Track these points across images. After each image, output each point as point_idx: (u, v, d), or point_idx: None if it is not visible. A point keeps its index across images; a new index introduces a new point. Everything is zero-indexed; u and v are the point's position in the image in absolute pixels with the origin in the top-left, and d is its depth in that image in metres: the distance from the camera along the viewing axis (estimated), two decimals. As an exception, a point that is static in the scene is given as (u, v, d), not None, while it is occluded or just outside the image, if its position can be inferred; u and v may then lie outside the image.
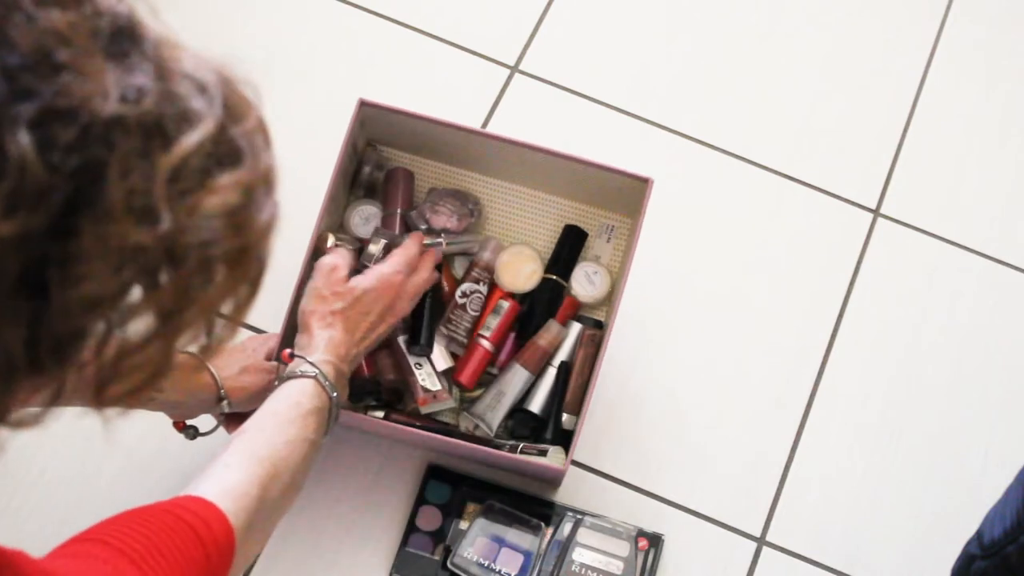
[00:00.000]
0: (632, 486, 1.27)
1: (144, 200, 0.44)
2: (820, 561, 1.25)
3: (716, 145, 1.44)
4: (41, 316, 0.44)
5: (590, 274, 1.28)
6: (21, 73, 0.42)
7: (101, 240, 0.44)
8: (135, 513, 0.77)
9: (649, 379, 1.32)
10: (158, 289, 0.47)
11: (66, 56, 0.43)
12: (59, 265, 0.43)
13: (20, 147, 0.41)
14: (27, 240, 0.42)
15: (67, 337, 0.45)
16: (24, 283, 0.42)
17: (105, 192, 0.43)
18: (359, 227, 1.27)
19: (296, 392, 0.98)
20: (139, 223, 0.44)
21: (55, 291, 0.43)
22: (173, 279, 0.47)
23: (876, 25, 1.53)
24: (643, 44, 1.49)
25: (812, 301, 1.37)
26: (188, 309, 0.48)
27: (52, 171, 0.42)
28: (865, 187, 1.43)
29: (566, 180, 1.25)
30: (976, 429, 1.32)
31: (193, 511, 0.79)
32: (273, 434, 0.92)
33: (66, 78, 0.43)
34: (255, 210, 0.49)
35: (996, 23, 1.54)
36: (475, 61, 1.46)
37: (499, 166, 1.27)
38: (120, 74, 0.44)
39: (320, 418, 0.98)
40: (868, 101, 1.48)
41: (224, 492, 0.83)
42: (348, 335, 1.05)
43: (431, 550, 1.20)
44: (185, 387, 1.03)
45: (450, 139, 1.24)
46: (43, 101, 0.42)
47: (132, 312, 0.47)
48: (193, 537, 0.77)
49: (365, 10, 1.48)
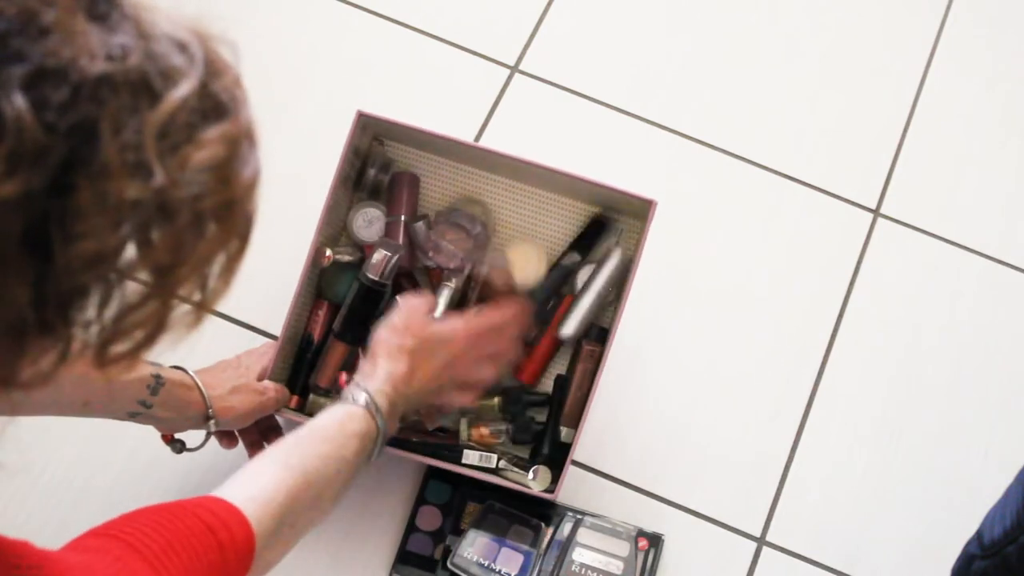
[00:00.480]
0: (632, 486, 1.27)
1: (136, 155, 0.45)
2: (820, 561, 1.25)
3: (716, 145, 1.44)
4: (46, 274, 0.45)
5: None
6: (9, 37, 0.43)
7: (98, 196, 0.45)
8: (156, 510, 0.77)
9: (649, 379, 1.32)
10: (152, 246, 0.48)
11: (51, 18, 0.44)
12: (60, 223, 0.44)
13: (16, 108, 0.42)
14: (28, 199, 0.43)
15: (71, 294, 0.47)
16: (27, 242, 0.44)
17: (99, 149, 0.44)
18: (362, 230, 1.27)
19: (343, 414, 0.98)
20: (133, 178, 0.45)
21: (58, 249, 0.44)
22: (166, 235, 0.48)
23: (876, 25, 1.53)
24: (643, 44, 1.49)
25: (812, 301, 1.37)
26: (182, 264, 0.49)
27: (48, 130, 0.43)
28: (865, 187, 1.43)
29: (571, 184, 1.25)
30: (976, 429, 1.32)
31: (215, 513, 0.79)
32: (308, 447, 0.93)
33: (53, 40, 0.44)
34: (241, 163, 0.50)
35: (996, 23, 1.54)
36: (475, 61, 1.46)
37: (504, 166, 1.27)
38: (103, 34, 0.45)
39: (362, 444, 0.98)
40: (868, 101, 1.48)
41: (250, 497, 0.83)
42: (409, 373, 1.05)
43: (431, 550, 1.20)
44: (174, 404, 1.04)
45: (453, 143, 1.24)
46: (33, 63, 0.43)
47: (129, 270, 0.48)
48: (211, 539, 0.77)
49: (365, 10, 1.48)
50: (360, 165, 1.27)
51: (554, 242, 1.30)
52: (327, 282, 1.25)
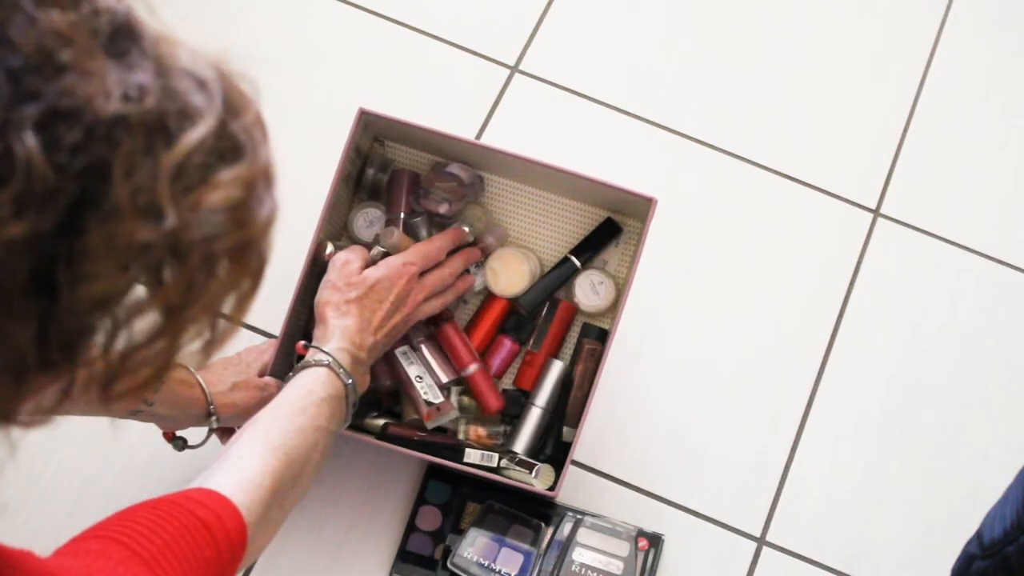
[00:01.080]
0: (632, 486, 1.27)
1: (149, 198, 0.45)
2: (820, 561, 1.25)
3: (716, 145, 1.44)
4: (51, 314, 0.44)
5: (595, 283, 1.27)
6: (25, 74, 0.42)
7: (108, 238, 0.44)
8: (148, 508, 0.77)
9: (649, 379, 1.32)
10: (163, 286, 0.47)
11: (68, 56, 0.43)
12: (67, 264, 0.43)
13: (26, 148, 0.41)
14: (36, 240, 0.42)
15: (76, 335, 0.46)
16: (34, 282, 0.43)
17: (110, 191, 0.44)
18: (363, 230, 1.27)
19: (309, 380, 0.98)
20: (144, 220, 0.45)
21: (64, 290, 0.44)
22: (177, 275, 0.47)
23: (876, 25, 1.53)
24: (643, 44, 1.49)
25: (812, 301, 1.37)
26: (192, 305, 0.48)
27: (59, 172, 0.42)
28: (865, 187, 1.43)
29: (573, 184, 1.24)
30: (976, 429, 1.32)
31: (206, 506, 0.79)
32: (285, 423, 0.92)
33: (69, 78, 0.43)
34: (256, 204, 0.49)
35: (996, 23, 1.54)
36: (475, 61, 1.46)
37: (505, 167, 1.27)
38: (121, 73, 0.44)
39: (334, 406, 0.98)
40: (868, 101, 1.48)
41: (237, 485, 0.83)
42: (363, 323, 1.06)
43: (431, 550, 1.20)
44: (175, 401, 1.04)
45: (455, 141, 1.24)
46: (47, 102, 0.42)
47: (138, 309, 0.47)
48: (206, 534, 0.77)
49: (365, 10, 1.48)
50: (360, 165, 1.27)
51: (554, 243, 1.30)
52: None
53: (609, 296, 1.27)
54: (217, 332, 0.51)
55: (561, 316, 1.26)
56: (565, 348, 1.29)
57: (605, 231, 1.28)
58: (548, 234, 1.30)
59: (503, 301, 1.26)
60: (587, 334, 1.26)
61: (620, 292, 1.26)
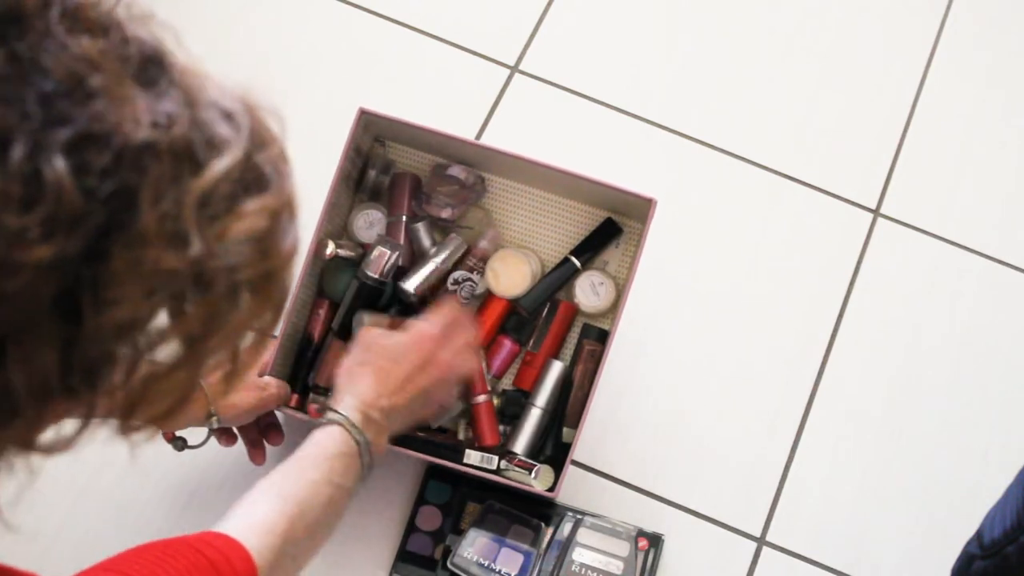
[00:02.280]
0: (632, 486, 1.27)
1: (175, 225, 0.45)
2: (820, 561, 1.25)
3: (716, 145, 1.44)
4: (74, 339, 0.44)
5: (596, 284, 1.27)
6: (56, 99, 0.42)
7: (133, 264, 0.44)
8: (158, 547, 0.77)
9: (649, 379, 1.32)
10: (185, 315, 0.47)
11: (98, 82, 0.43)
12: (92, 289, 0.43)
13: (56, 172, 0.41)
14: (62, 264, 0.42)
15: (98, 361, 0.46)
16: (58, 307, 0.43)
17: (137, 217, 0.44)
18: (363, 231, 1.27)
19: (322, 437, 0.97)
20: (170, 248, 0.45)
21: (88, 315, 0.44)
22: (200, 305, 0.47)
23: (876, 25, 1.53)
24: (643, 44, 1.49)
25: (812, 301, 1.37)
26: (214, 335, 0.48)
27: (87, 196, 0.42)
28: (865, 187, 1.43)
29: (573, 185, 1.24)
30: (976, 429, 1.32)
31: (216, 548, 0.79)
32: (297, 476, 0.92)
33: (99, 104, 0.43)
34: (280, 235, 0.49)
35: (996, 23, 1.54)
36: (475, 61, 1.46)
37: (505, 167, 1.27)
38: (150, 100, 0.45)
39: (348, 462, 0.97)
40: (868, 101, 1.48)
41: (248, 528, 0.83)
42: (378, 384, 1.03)
43: (431, 550, 1.20)
44: None
45: (455, 141, 1.24)
46: (78, 126, 0.42)
47: (160, 338, 0.47)
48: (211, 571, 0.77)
49: (365, 10, 1.48)
50: (361, 166, 1.27)
51: (555, 244, 1.30)
52: (327, 280, 1.25)
53: (609, 297, 1.27)
54: (238, 364, 0.51)
55: (562, 317, 1.26)
56: (565, 349, 1.29)
57: (605, 231, 1.28)
58: (549, 234, 1.30)
59: (503, 302, 1.26)
60: (587, 335, 1.26)
61: (620, 293, 1.26)
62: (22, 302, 0.42)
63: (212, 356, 0.49)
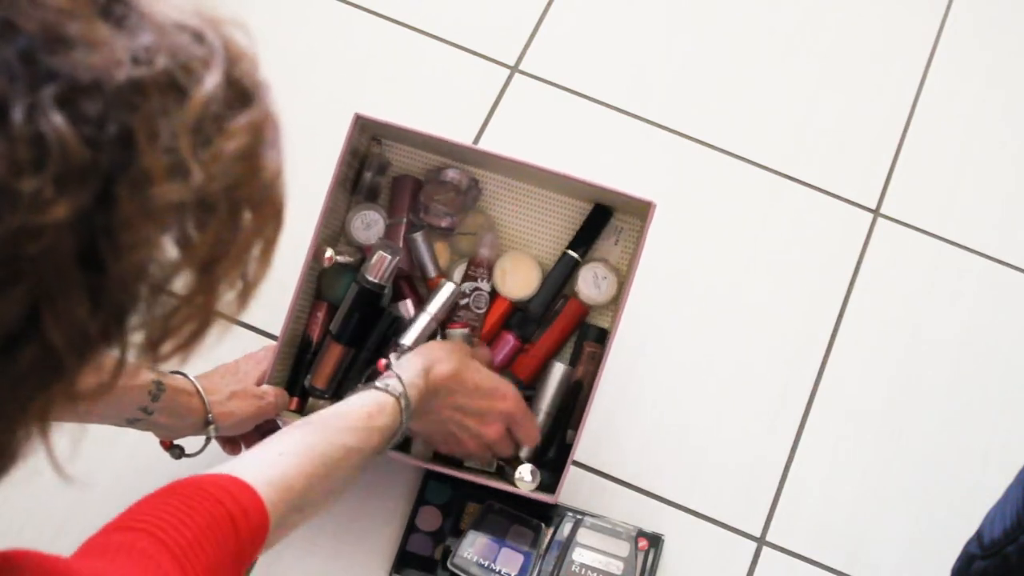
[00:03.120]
0: (632, 486, 1.27)
1: (173, 157, 0.45)
2: (820, 561, 1.25)
3: (716, 145, 1.44)
4: (100, 288, 0.44)
5: (599, 277, 1.27)
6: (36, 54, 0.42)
7: (141, 204, 0.44)
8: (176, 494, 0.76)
9: (649, 379, 1.32)
10: (193, 243, 0.47)
11: (74, 30, 0.43)
12: (107, 236, 0.44)
13: (56, 128, 0.41)
14: (80, 218, 0.42)
15: (125, 303, 0.46)
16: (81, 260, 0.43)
17: (137, 156, 0.44)
18: (359, 232, 1.27)
19: (373, 403, 0.97)
20: (173, 181, 0.45)
21: (110, 262, 0.44)
22: (207, 230, 0.47)
23: (876, 25, 1.53)
24: (643, 44, 1.49)
25: (812, 301, 1.37)
26: (224, 258, 0.49)
27: (90, 146, 0.42)
28: (865, 187, 1.43)
29: (572, 186, 1.24)
30: (976, 429, 1.32)
31: (235, 497, 0.78)
32: (335, 436, 0.92)
33: (79, 52, 0.43)
34: (269, 147, 0.50)
35: (996, 23, 1.54)
36: (475, 61, 1.46)
37: (504, 167, 1.27)
38: (125, 38, 0.45)
39: (385, 437, 0.97)
40: (868, 101, 1.48)
41: (270, 481, 0.82)
42: (446, 383, 1.06)
43: (431, 550, 1.20)
44: (174, 409, 1.04)
45: (453, 146, 1.24)
46: (64, 78, 0.42)
47: (173, 270, 0.47)
48: (230, 528, 0.76)
49: (365, 10, 1.48)
50: (357, 168, 1.27)
51: (554, 241, 1.30)
52: (326, 283, 1.25)
53: (611, 291, 1.27)
54: (249, 279, 0.51)
55: (569, 313, 1.26)
56: (565, 350, 1.28)
57: (597, 219, 1.27)
58: (547, 231, 1.30)
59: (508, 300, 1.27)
60: (587, 336, 1.26)
61: (622, 286, 1.26)
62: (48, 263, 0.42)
63: (225, 277, 0.50)
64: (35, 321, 0.43)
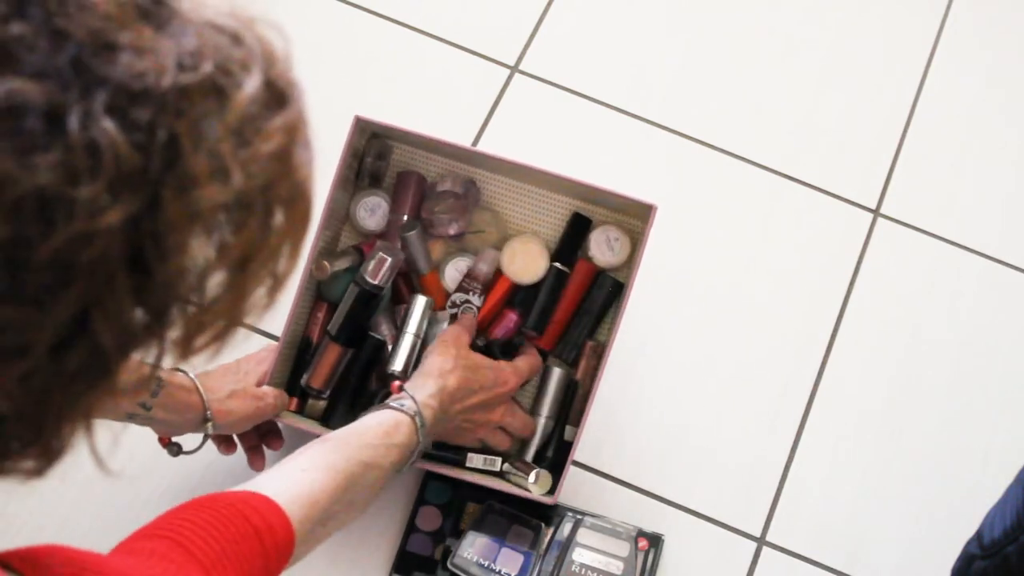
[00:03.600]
0: (632, 486, 1.27)
1: (215, 160, 0.45)
2: (820, 561, 1.25)
3: (716, 145, 1.44)
4: (146, 290, 0.45)
5: (611, 239, 1.27)
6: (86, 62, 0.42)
7: (186, 208, 0.45)
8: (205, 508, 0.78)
9: (649, 379, 1.32)
10: (229, 244, 0.48)
11: (120, 36, 0.43)
12: (153, 240, 0.44)
13: (108, 135, 0.42)
14: (131, 223, 0.43)
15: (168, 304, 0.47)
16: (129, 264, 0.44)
17: (183, 161, 0.44)
18: (365, 219, 1.27)
19: (391, 424, 1.01)
20: (215, 183, 0.45)
21: (155, 265, 0.45)
22: (242, 231, 0.48)
23: (876, 25, 1.53)
24: (643, 44, 1.49)
25: (812, 301, 1.37)
26: (257, 257, 0.49)
27: (140, 151, 0.43)
28: (865, 187, 1.43)
29: (571, 187, 1.24)
30: (976, 429, 1.32)
31: (261, 514, 0.80)
32: (356, 452, 0.95)
33: (126, 57, 0.43)
34: (302, 147, 0.51)
35: (996, 23, 1.54)
36: (475, 61, 1.46)
37: (503, 167, 1.27)
38: (170, 43, 0.45)
39: (403, 455, 1.01)
40: (868, 101, 1.48)
41: (295, 498, 0.84)
42: (457, 393, 1.10)
43: (431, 550, 1.20)
44: (173, 406, 1.04)
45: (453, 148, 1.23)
46: (114, 85, 0.43)
47: (209, 268, 0.48)
48: (257, 544, 0.78)
49: (365, 10, 1.48)
50: (358, 163, 1.27)
51: (554, 241, 1.30)
52: (326, 284, 1.25)
53: (624, 251, 1.26)
54: (279, 278, 0.52)
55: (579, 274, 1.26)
56: (564, 352, 1.28)
57: (577, 227, 1.27)
58: (550, 231, 1.30)
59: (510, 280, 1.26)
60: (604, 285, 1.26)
61: (635, 247, 1.26)
62: (100, 268, 0.43)
63: (256, 275, 0.50)
64: (85, 323, 0.44)
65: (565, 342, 1.27)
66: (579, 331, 1.26)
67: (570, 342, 1.27)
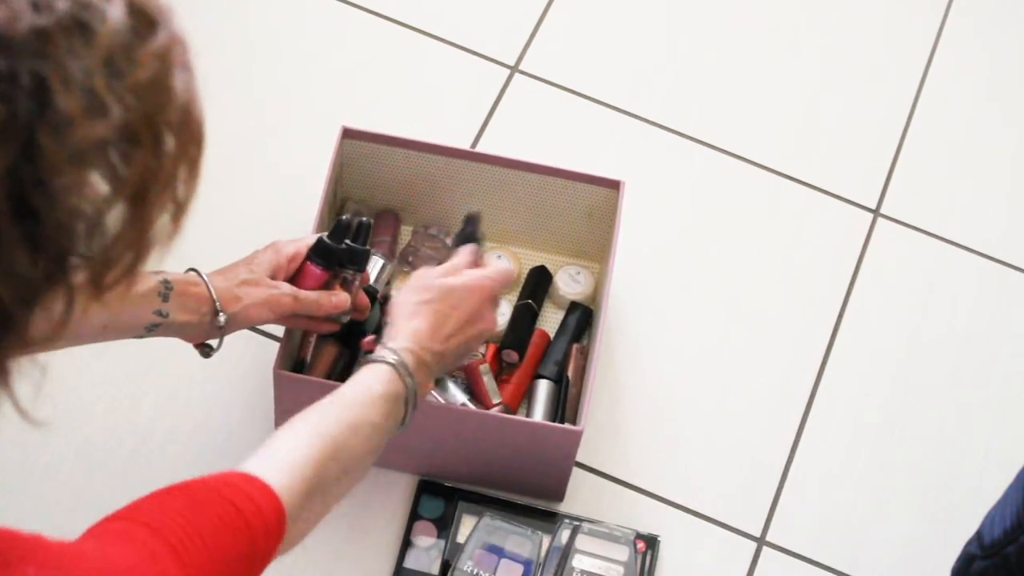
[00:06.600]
0: (631, 486, 1.26)
1: (89, 96, 0.45)
2: (820, 561, 1.25)
3: (716, 145, 1.44)
4: (39, 236, 0.45)
5: (574, 275, 1.31)
6: None
7: (65, 148, 0.44)
8: (178, 491, 0.75)
9: (648, 379, 1.31)
10: (122, 176, 0.48)
11: None
12: (37, 185, 0.44)
13: None
14: (7, 173, 0.43)
15: (64, 246, 0.47)
16: (15, 213, 0.44)
17: (54, 102, 0.44)
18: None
19: (370, 376, 0.96)
20: (93, 119, 0.45)
21: (43, 210, 0.45)
22: (133, 162, 0.48)
23: (876, 25, 1.53)
24: (643, 44, 1.49)
25: (812, 301, 1.37)
26: (153, 186, 0.49)
27: (5, 101, 0.43)
28: (865, 187, 1.43)
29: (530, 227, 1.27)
30: (976, 429, 1.32)
31: (242, 490, 0.77)
32: (336, 414, 0.90)
33: None
34: (182, 70, 0.50)
35: (996, 22, 1.54)
36: (475, 61, 1.46)
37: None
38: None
39: (392, 405, 0.95)
40: (868, 101, 1.48)
41: (277, 468, 0.81)
42: (434, 328, 1.02)
43: (429, 565, 1.18)
44: (188, 305, 1.00)
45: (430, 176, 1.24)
46: None
47: (106, 205, 0.48)
48: (238, 520, 0.75)
49: (364, 10, 1.47)
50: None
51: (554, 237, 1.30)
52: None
53: (589, 282, 1.30)
54: (180, 201, 0.51)
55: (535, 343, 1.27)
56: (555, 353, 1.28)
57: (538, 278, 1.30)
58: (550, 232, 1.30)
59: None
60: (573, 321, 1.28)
61: (599, 278, 1.28)
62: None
63: (156, 204, 0.50)
64: None
65: (545, 362, 1.27)
66: (558, 349, 1.27)
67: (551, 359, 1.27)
